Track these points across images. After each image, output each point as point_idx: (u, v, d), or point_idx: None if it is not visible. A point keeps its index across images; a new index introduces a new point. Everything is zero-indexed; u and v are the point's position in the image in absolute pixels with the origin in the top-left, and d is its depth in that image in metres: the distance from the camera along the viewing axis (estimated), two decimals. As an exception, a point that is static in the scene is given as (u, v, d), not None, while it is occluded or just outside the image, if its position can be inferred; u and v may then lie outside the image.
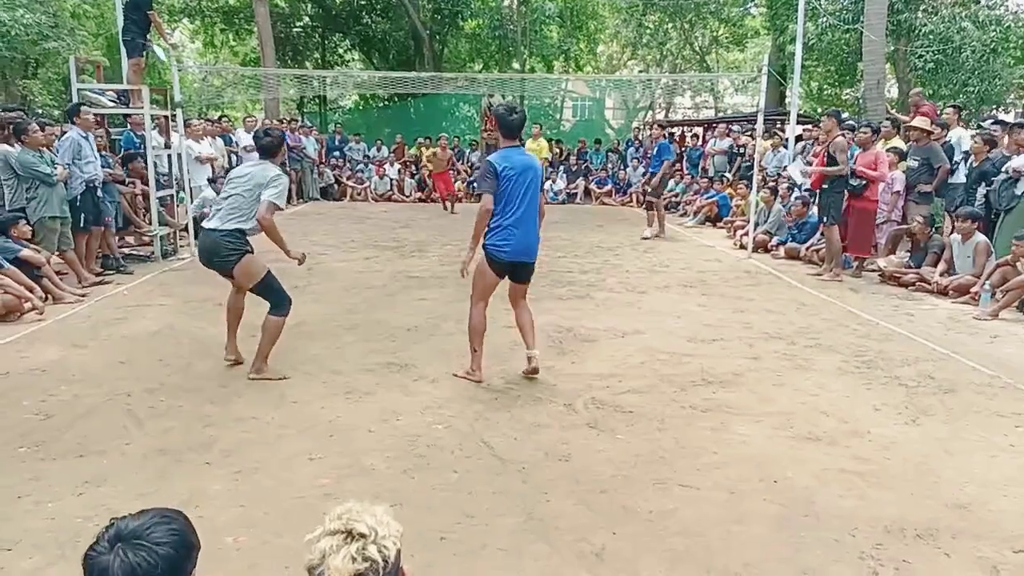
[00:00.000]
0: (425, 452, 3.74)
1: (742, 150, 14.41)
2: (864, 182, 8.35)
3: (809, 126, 12.93)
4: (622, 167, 18.39)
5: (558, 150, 19.30)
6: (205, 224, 4.78)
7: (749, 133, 14.10)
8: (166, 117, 9.73)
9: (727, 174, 14.31)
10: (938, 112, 10.31)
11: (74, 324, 6.13)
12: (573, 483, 3.45)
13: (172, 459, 3.62)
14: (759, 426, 4.14)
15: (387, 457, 3.67)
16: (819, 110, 19.72)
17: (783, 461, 3.70)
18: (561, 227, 12.50)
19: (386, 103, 24.06)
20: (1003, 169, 7.62)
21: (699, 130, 19.35)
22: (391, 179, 17.53)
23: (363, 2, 23.69)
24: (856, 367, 5.22)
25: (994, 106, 16.73)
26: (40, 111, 16.90)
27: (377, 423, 4.10)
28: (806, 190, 9.78)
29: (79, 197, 7.63)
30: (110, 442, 3.79)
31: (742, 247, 10.47)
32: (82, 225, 7.69)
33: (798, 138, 12.44)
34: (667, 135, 13.29)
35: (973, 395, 4.70)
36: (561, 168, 18.35)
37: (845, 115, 11.87)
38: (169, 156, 9.73)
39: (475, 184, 17.69)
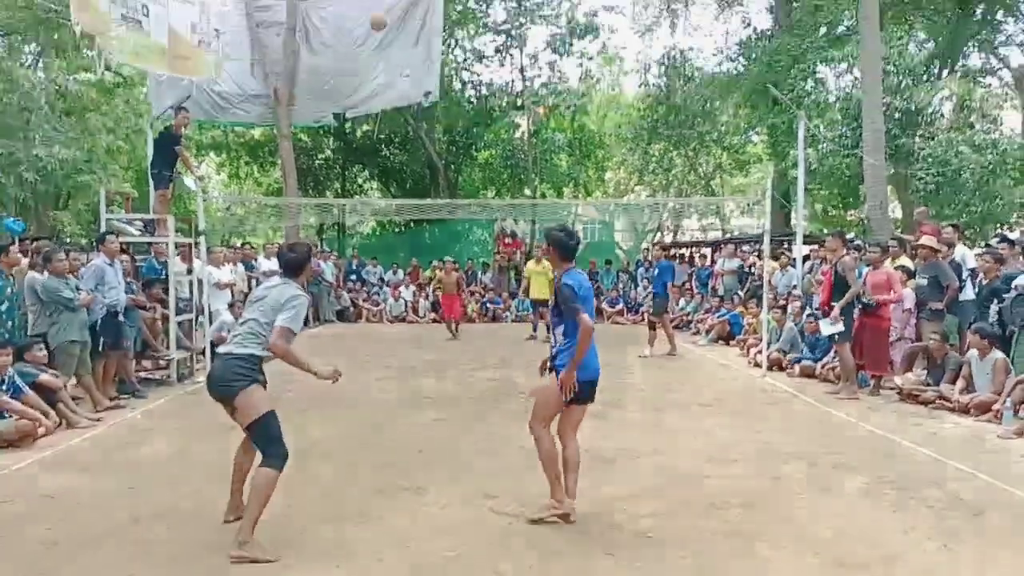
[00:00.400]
0: (437, 581, 3.61)
1: (751, 270, 14.60)
2: (875, 300, 8.39)
3: (816, 246, 13.16)
4: (633, 287, 18.63)
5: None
6: (220, 349, 4.47)
7: (757, 253, 14.33)
8: (189, 245, 10.06)
9: (739, 292, 14.44)
10: (940, 231, 10.50)
11: (86, 449, 6.11)
12: (591, 614, 3.30)
13: (177, 589, 3.51)
14: (785, 551, 3.98)
15: (398, 586, 3.55)
16: (824, 231, 20.10)
17: (811, 589, 3.54)
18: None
19: (402, 228, 24.79)
20: (1013, 286, 7.66)
21: (707, 251, 19.70)
22: (406, 301, 17.80)
23: (382, 136, 24.89)
24: (881, 488, 5.07)
25: (999, 224, 17.01)
26: (69, 240, 17.51)
27: (387, 549, 3.98)
28: (816, 308, 9.81)
29: (100, 321, 7.79)
30: (115, 572, 3.70)
31: (756, 365, 10.41)
32: (100, 349, 7.81)
33: (805, 258, 12.63)
34: (670, 256, 13.64)
35: (1003, 517, 4.53)
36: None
37: (850, 235, 12.10)
38: (190, 282, 9.98)
39: (486, 304, 17.95)
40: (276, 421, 4.15)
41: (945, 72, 19.55)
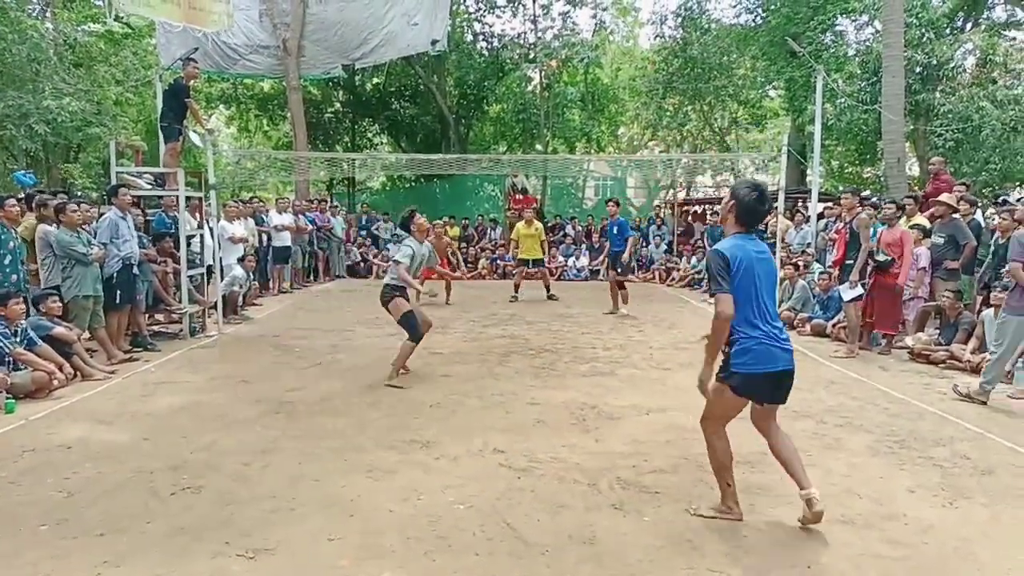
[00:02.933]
0: (446, 533, 3.67)
1: (765, 227, 14.47)
2: (890, 258, 8.31)
3: (830, 204, 13.00)
4: (644, 244, 18.54)
5: (581, 228, 19.56)
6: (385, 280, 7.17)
7: (771, 210, 14.18)
8: (200, 199, 10.05)
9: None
10: (953, 183, 10.34)
11: (101, 401, 6.20)
12: (598, 567, 3.35)
13: (192, 538, 3.59)
14: (790, 508, 4.01)
15: (407, 538, 3.61)
16: (840, 188, 19.83)
17: (816, 545, 3.58)
18: (584, 304, 12.53)
19: (412, 183, 24.67)
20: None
21: (720, 208, 19.53)
22: (417, 257, 17.78)
23: (392, 89, 24.61)
24: (888, 447, 5.09)
25: (1018, 183, 16.72)
26: (80, 193, 17.53)
27: (398, 502, 4.04)
28: (830, 266, 9.74)
29: (115, 275, 7.84)
30: (131, 521, 3.78)
31: (767, 324, 10.37)
32: (117, 302, 7.88)
33: (819, 215, 12.49)
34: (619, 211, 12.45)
35: (1012, 477, 4.54)
36: (584, 246, 18.54)
37: (866, 192, 11.93)
38: (201, 236, 10.00)
39: (496, 260, 17.93)
40: (413, 317, 6.92)
41: (968, 25, 19.02)
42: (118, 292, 7.87)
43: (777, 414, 3.90)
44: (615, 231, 11.70)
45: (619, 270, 11.59)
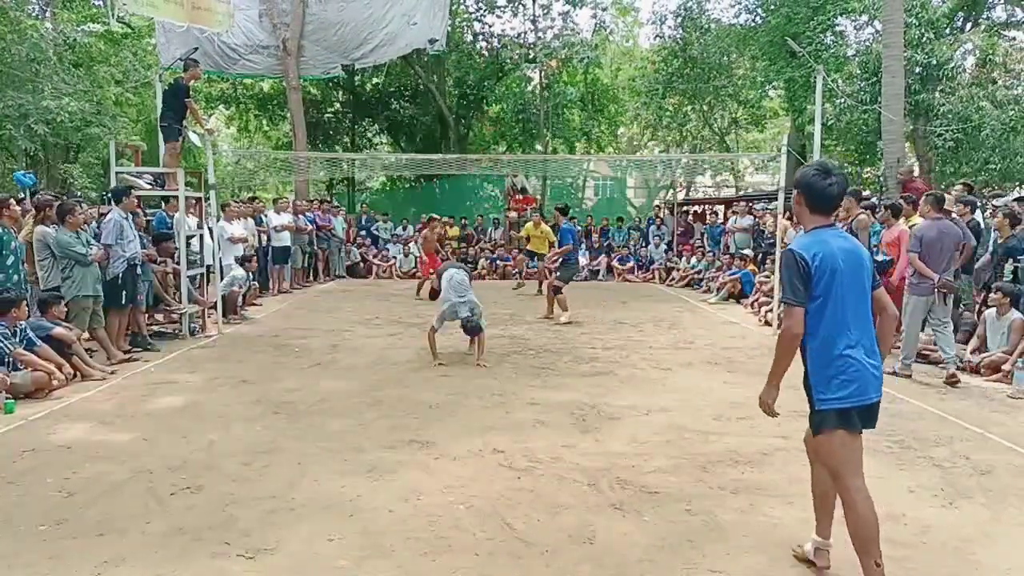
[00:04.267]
0: (446, 533, 3.67)
1: (763, 227, 14.48)
2: (890, 258, 8.31)
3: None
4: (644, 244, 18.55)
5: (581, 227, 19.56)
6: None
7: (771, 211, 14.20)
8: (199, 199, 10.04)
9: (748, 251, 14.35)
10: (928, 187, 10.33)
11: (101, 401, 6.20)
12: (598, 567, 3.35)
13: (192, 538, 3.58)
14: (791, 508, 4.02)
15: (407, 538, 3.61)
16: (840, 188, 19.80)
17: (816, 545, 3.57)
18: (584, 303, 12.52)
19: (412, 183, 24.68)
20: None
21: (719, 208, 19.54)
22: (416, 256, 17.80)
23: (392, 89, 24.60)
24: (888, 447, 5.08)
25: (1017, 183, 16.72)
26: (79, 193, 17.52)
27: (398, 503, 4.04)
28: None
29: (120, 276, 7.85)
30: (131, 521, 3.78)
31: (767, 323, 10.39)
32: (122, 303, 7.90)
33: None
34: (568, 217, 11.96)
35: (1012, 477, 4.54)
36: (584, 245, 18.54)
37: (866, 193, 11.93)
38: (201, 236, 10.00)
39: (496, 260, 17.94)
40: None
41: (968, 25, 19.03)
42: (123, 292, 7.88)
43: None
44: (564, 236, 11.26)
45: (557, 275, 10.91)
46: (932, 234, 7.21)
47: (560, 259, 10.99)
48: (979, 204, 9.98)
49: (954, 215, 8.63)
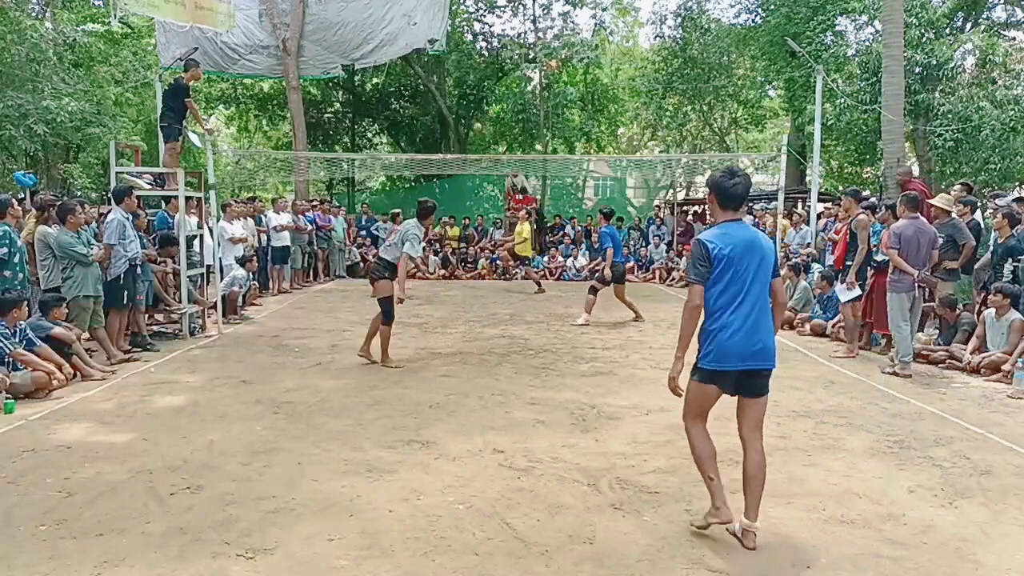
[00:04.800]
0: (446, 533, 3.67)
1: (763, 228, 14.49)
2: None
3: (829, 204, 13.00)
4: (643, 244, 18.55)
5: (580, 228, 19.56)
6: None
7: (770, 211, 14.21)
8: (199, 199, 10.04)
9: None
10: (928, 187, 10.35)
11: (101, 401, 6.20)
12: (598, 567, 3.35)
13: (191, 538, 3.58)
14: (790, 508, 4.02)
15: (407, 538, 3.61)
16: (840, 188, 19.83)
17: (816, 545, 3.58)
18: (583, 304, 12.51)
19: (412, 184, 24.69)
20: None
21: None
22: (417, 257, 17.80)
23: (392, 89, 24.61)
24: (888, 447, 5.08)
25: (1017, 183, 16.72)
26: (79, 193, 17.53)
27: (398, 503, 4.04)
28: (829, 266, 9.75)
29: (121, 275, 7.85)
30: (131, 521, 3.78)
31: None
32: (124, 302, 7.90)
33: (819, 215, 12.50)
34: (611, 220, 11.80)
35: (1011, 477, 4.54)
36: (584, 245, 18.54)
37: (866, 193, 11.93)
38: (201, 236, 10.00)
39: (496, 260, 17.94)
40: (392, 302, 7.40)
41: (968, 25, 19.03)
42: (123, 292, 7.88)
43: (762, 421, 3.76)
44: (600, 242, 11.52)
45: (598, 276, 11.04)
46: (909, 232, 7.38)
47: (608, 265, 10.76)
48: (979, 204, 9.99)
49: (954, 215, 8.66)
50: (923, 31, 16.16)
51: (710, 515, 3.63)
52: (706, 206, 20.92)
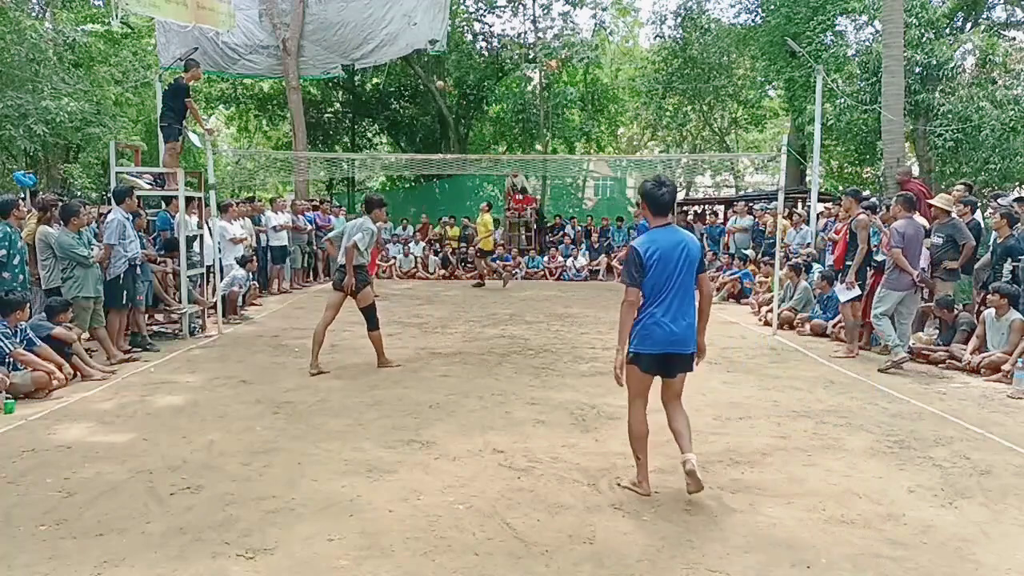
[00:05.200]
0: (446, 533, 3.67)
1: (764, 227, 14.49)
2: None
3: (829, 204, 13.00)
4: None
5: (580, 228, 19.55)
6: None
7: (770, 211, 14.20)
8: (200, 199, 10.04)
9: (748, 251, 14.35)
10: (927, 187, 10.35)
11: (101, 401, 6.20)
12: (598, 567, 3.35)
13: (191, 538, 3.58)
14: (790, 508, 4.02)
15: (407, 538, 3.61)
16: (840, 188, 19.83)
17: (816, 545, 3.58)
18: (584, 303, 12.53)
19: (412, 184, 24.68)
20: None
21: (719, 208, 19.54)
22: (416, 257, 17.81)
23: (392, 89, 24.60)
24: (888, 447, 5.09)
25: (1017, 183, 16.73)
26: (79, 193, 17.53)
27: (398, 502, 4.04)
28: (829, 266, 9.75)
29: (121, 276, 7.85)
30: (131, 521, 3.78)
31: (767, 323, 10.39)
32: (124, 302, 7.90)
33: (818, 215, 12.50)
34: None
35: (1011, 477, 4.54)
36: (584, 245, 18.55)
37: (866, 193, 11.93)
38: (201, 236, 9.99)
39: (496, 260, 17.93)
40: (375, 308, 7.48)
41: (968, 25, 19.03)
42: (123, 292, 7.88)
43: (681, 392, 4.36)
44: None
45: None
46: (910, 231, 7.55)
47: None
48: (979, 204, 9.99)
49: (954, 215, 8.66)
50: (923, 31, 16.17)
51: (634, 485, 4.23)
52: (706, 206, 20.99)
